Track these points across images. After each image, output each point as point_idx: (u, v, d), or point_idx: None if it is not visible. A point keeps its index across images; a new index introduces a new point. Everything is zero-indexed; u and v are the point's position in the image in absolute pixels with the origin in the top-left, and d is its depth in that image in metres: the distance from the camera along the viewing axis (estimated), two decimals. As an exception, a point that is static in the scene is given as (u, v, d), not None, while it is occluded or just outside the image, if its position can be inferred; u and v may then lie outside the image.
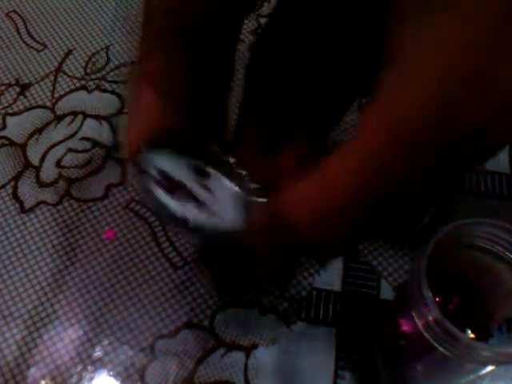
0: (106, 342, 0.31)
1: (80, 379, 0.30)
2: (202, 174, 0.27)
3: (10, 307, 0.32)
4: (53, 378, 0.30)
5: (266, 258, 0.26)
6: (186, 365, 0.31)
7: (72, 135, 0.39)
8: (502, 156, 0.38)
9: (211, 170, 0.27)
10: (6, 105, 0.41)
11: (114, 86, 0.42)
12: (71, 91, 0.42)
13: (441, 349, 0.23)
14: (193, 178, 0.26)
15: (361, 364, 0.31)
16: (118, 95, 0.41)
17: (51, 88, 0.42)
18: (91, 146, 0.39)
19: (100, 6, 0.47)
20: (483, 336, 0.27)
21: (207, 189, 0.26)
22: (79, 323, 0.32)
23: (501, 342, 0.26)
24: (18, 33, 0.45)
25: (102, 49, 0.44)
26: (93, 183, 0.37)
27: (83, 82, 0.42)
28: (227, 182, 0.27)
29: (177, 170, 0.26)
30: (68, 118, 0.40)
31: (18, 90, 0.42)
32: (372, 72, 0.17)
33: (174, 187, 0.26)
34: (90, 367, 0.31)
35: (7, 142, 0.39)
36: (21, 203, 0.36)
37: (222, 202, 0.26)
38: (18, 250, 0.34)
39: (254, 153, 0.26)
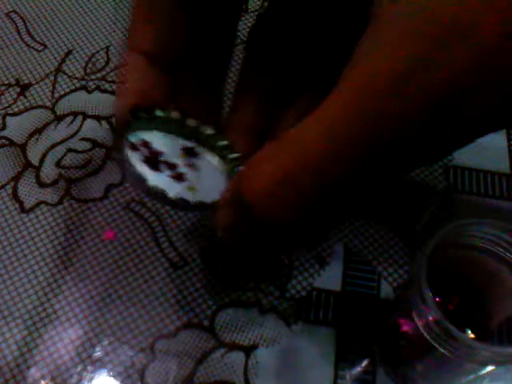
0: (105, 342, 0.31)
1: (80, 379, 0.30)
2: (190, 153, 0.28)
3: (10, 307, 0.32)
4: (53, 378, 0.30)
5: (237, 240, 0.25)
6: (186, 365, 0.31)
7: (72, 135, 0.39)
8: (502, 156, 0.38)
9: (200, 150, 0.28)
10: (6, 105, 0.41)
11: (114, 86, 0.42)
12: (71, 91, 0.42)
13: (441, 349, 0.23)
14: (179, 155, 0.27)
15: (361, 364, 0.31)
16: (118, 95, 0.41)
17: (51, 88, 0.42)
18: (91, 147, 0.39)
19: (100, 6, 0.47)
20: (483, 336, 0.27)
21: (193, 167, 0.27)
22: (79, 323, 0.32)
23: (501, 342, 0.26)
24: (18, 33, 0.45)
25: (101, 49, 0.44)
26: (93, 183, 0.37)
27: (83, 82, 0.42)
28: (215, 164, 0.28)
29: (164, 146, 0.27)
30: (68, 118, 0.40)
31: (18, 89, 0.42)
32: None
33: (156, 160, 0.26)
34: (89, 367, 0.31)
35: (7, 142, 0.39)
36: (21, 203, 0.36)
37: (206, 181, 0.27)
38: (18, 249, 0.34)
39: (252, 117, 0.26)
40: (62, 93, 0.42)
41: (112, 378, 0.30)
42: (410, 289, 0.24)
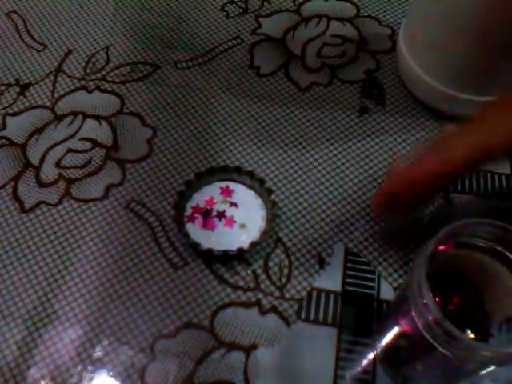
0: (106, 342, 0.31)
1: (80, 379, 0.30)
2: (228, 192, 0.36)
3: (10, 307, 0.32)
4: (53, 378, 0.30)
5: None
6: (186, 365, 0.31)
7: (72, 135, 0.39)
8: (502, 156, 0.38)
9: (233, 186, 0.36)
10: (6, 105, 0.41)
11: (114, 86, 0.42)
12: (71, 91, 0.42)
13: (441, 349, 0.23)
14: (219, 198, 0.36)
15: (361, 364, 0.31)
16: (118, 95, 0.41)
17: (51, 88, 0.42)
18: (91, 146, 0.39)
19: (100, 6, 0.47)
20: (483, 336, 0.27)
21: (233, 204, 0.35)
22: (79, 323, 0.32)
23: (501, 341, 0.26)
24: (18, 33, 0.45)
25: (102, 49, 0.44)
26: (93, 183, 0.37)
27: (83, 82, 0.42)
28: (249, 192, 0.36)
29: (209, 194, 0.36)
30: (68, 118, 0.40)
31: (17, 90, 0.42)
32: None
33: (210, 217, 0.35)
34: (89, 367, 0.31)
35: (7, 142, 0.39)
36: (21, 203, 0.36)
37: (248, 211, 0.35)
38: (17, 249, 0.34)
39: None
40: (62, 93, 0.42)
41: (112, 378, 0.30)
42: (409, 289, 0.24)
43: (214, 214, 0.35)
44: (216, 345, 0.31)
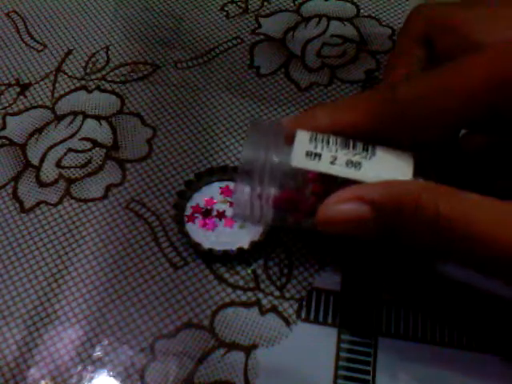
0: (106, 342, 0.31)
1: (80, 379, 0.30)
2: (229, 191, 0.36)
3: (10, 307, 0.32)
4: (53, 378, 0.30)
5: None
6: (186, 365, 0.31)
7: (72, 135, 0.39)
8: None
9: (232, 184, 0.36)
10: (6, 105, 0.41)
11: (114, 85, 0.42)
12: (71, 91, 0.42)
13: None
14: (219, 198, 0.36)
15: (361, 363, 0.31)
16: (118, 95, 0.41)
17: (51, 88, 0.42)
18: (91, 146, 0.39)
19: (100, 6, 0.47)
20: None
21: (233, 204, 0.33)
22: (79, 323, 0.32)
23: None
24: (18, 33, 0.45)
25: (101, 49, 0.44)
26: (93, 183, 0.37)
27: (83, 82, 0.42)
28: (244, 188, 0.33)
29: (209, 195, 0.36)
30: (68, 118, 0.40)
31: (18, 90, 0.42)
32: None
33: (210, 216, 0.35)
34: (89, 367, 0.31)
35: (7, 142, 0.39)
36: (21, 203, 0.36)
37: (245, 207, 0.32)
38: (17, 249, 0.34)
39: None
40: (62, 93, 0.42)
41: (112, 378, 0.30)
42: None
43: (214, 213, 0.35)
44: (216, 345, 0.31)
